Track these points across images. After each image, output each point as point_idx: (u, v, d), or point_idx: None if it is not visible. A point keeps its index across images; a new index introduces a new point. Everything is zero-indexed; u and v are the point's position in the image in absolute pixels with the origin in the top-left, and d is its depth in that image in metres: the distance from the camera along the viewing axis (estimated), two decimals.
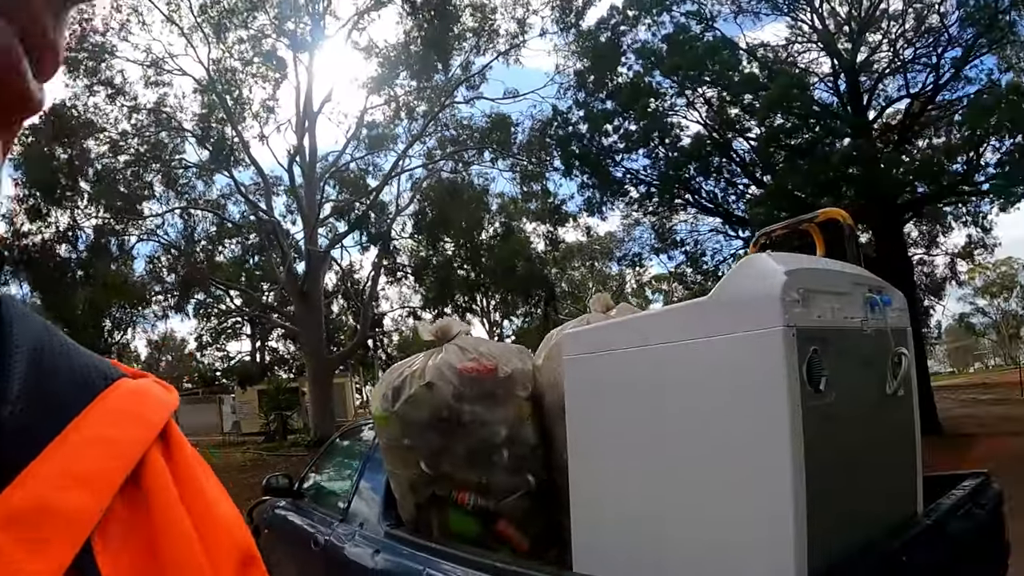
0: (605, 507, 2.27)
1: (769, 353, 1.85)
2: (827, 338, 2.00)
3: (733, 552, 1.91)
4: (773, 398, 1.84)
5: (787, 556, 1.80)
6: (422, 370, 2.84)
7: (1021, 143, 13.31)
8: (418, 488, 2.85)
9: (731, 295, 1.96)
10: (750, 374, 1.89)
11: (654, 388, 2.12)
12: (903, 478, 2.56)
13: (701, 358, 2.00)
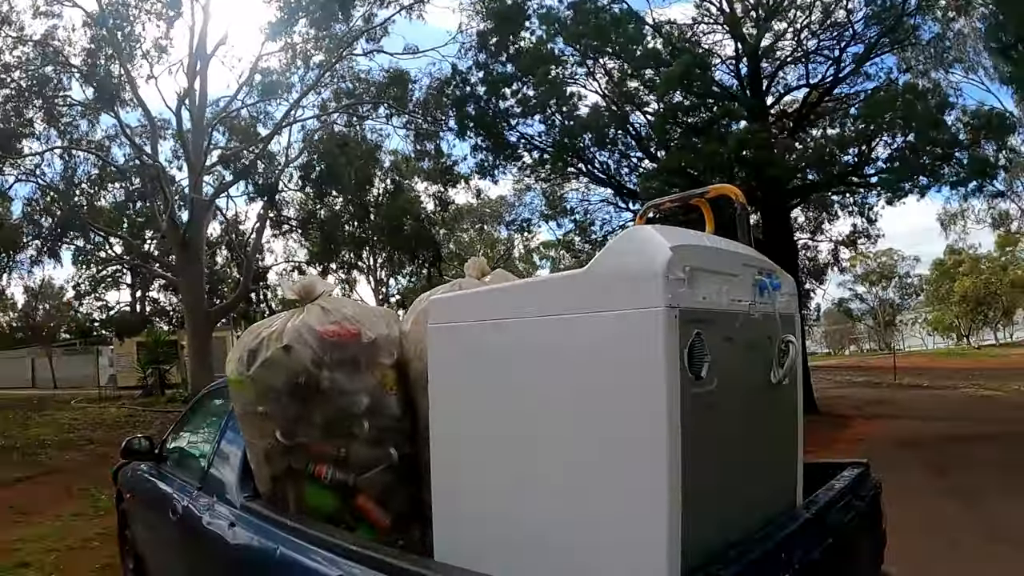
0: (466, 489, 2.13)
1: (648, 335, 1.71)
2: (712, 321, 1.89)
3: (603, 549, 1.80)
4: (649, 384, 1.71)
5: (659, 555, 1.70)
6: (280, 331, 2.62)
7: (912, 142, 14.02)
8: (273, 459, 2.64)
9: (610, 268, 1.82)
10: (626, 356, 1.75)
11: (522, 364, 1.98)
12: (784, 470, 2.51)
13: (574, 335, 1.85)
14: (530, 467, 1.95)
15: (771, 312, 2.25)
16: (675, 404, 1.71)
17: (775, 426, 2.41)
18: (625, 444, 1.76)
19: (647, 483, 1.72)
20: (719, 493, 1.96)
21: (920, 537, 5.91)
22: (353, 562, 2.11)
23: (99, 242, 25.65)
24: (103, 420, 16.06)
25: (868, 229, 20.22)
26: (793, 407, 2.58)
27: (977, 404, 14.70)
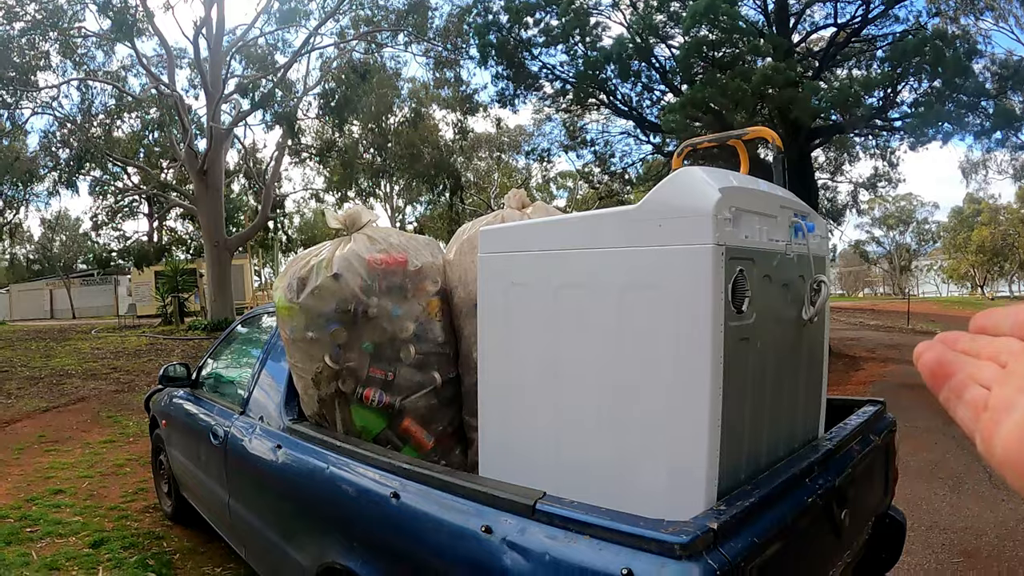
0: (514, 412, 2.25)
1: (697, 270, 1.81)
2: (753, 259, 1.98)
3: (643, 469, 1.92)
4: (696, 315, 1.81)
5: (698, 477, 1.82)
6: (329, 260, 2.71)
7: (938, 88, 13.70)
8: (321, 383, 2.76)
9: (661, 207, 1.89)
10: (676, 289, 1.85)
11: (571, 294, 2.07)
12: (809, 403, 2.62)
13: (625, 267, 1.95)
14: (576, 392, 2.06)
15: (805, 253, 2.33)
16: (719, 335, 1.81)
17: (804, 361, 2.50)
18: (670, 371, 1.86)
19: (690, 408, 1.83)
20: (751, 420, 2.08)
21: (924, 477, 6.10)
22: (407, 479, 2.25)
23: (116, 172, 25.67)
24: (125, 349, 16.28)
25: (889, 173, 20.03)
26: (820, 344, 2.68)
27: None
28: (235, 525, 3.56)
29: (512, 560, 1.79)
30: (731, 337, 1.87)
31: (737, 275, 1.88)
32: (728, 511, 1.75)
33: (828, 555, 2.40)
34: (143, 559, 4.44)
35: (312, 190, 29.50)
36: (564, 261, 2.08)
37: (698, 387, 1.82)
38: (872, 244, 52.46)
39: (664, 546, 1.57)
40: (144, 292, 26.79)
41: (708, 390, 1.81)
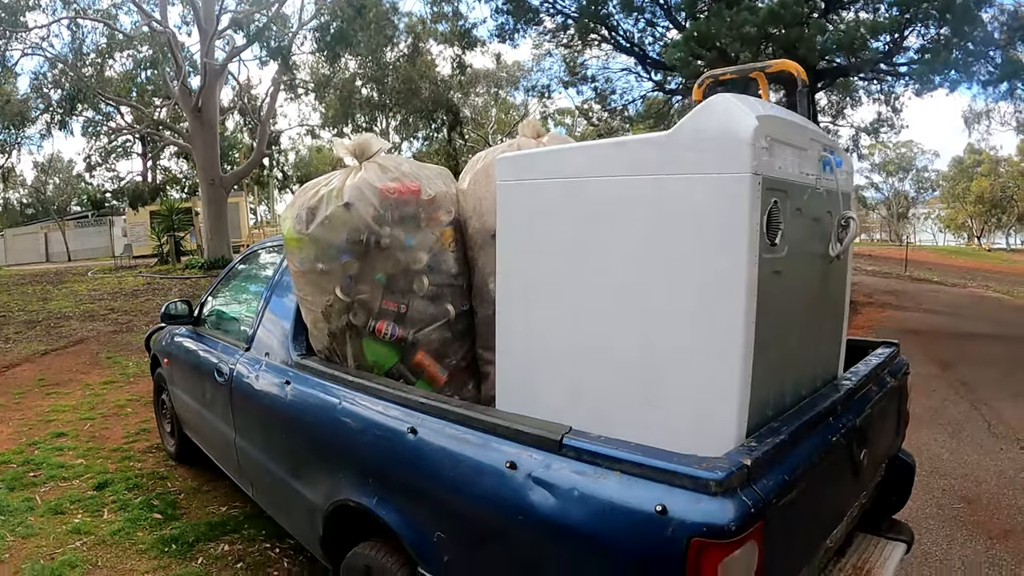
0: (535, 343, 2.17)
1: (733, 199, 1.73)
2: (786, 191, 1.91)
3: (670, 405, 1.87)
4: (732, 246, 1.74)
5: (729, 414, 1.78)
6: (340, 189, 2.61)
7: (946, 35, 13.40)
8: (332, 316, 2.68)
9: (696, 134, 1.80)
10: (711, 218, 1.77)
11: (597, 223, 1.99)
12: (831, 341, 2.58)
13: (655, 196, 1.86)
14: (602, 325, 1.99)
15: (833, 188, 2.27)
16: (754, 267, 1.75)
17: (828, 299, 2.45)
18: (703, 304, 1.80)
19: (722, 343, 1.77)
20: (779, 357, 2.02)
21: (924, 424, 6.09)
22: (425, 414, 2.20)
23: (109, 112, 25.25)
24: (121, 289, 16.18)
25: (892, 118, 19.74)
26: (843, 283, 2.64)
27: (986, 304, 14.64)
28: (242, 464, 3.52)
29: (539, 496, 1.75)
30: (764, 270, 1.80)
31: (772, 206, 1.81)
32: (759, 448, 1.71)
33: (847, 495, 2.39)
34: (148, 500, 4.42)
35: (308, 126, 29.21)
36: (591, 188, 1.99)
37: (732, 321, 1.75)
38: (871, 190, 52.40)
39: (699, 482, 1.54)
40: (139, 232, 26.57)
41: (742, 324, 1.74)
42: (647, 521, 1.55)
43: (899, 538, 2.89)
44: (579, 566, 1.70)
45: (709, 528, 1.49)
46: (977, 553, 3.80)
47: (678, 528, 1.51)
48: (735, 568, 1.51)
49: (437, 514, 2.09)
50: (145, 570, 3.58)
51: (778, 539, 1.71)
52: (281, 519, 3.34)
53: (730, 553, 1.49)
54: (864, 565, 2.66)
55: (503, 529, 1.86)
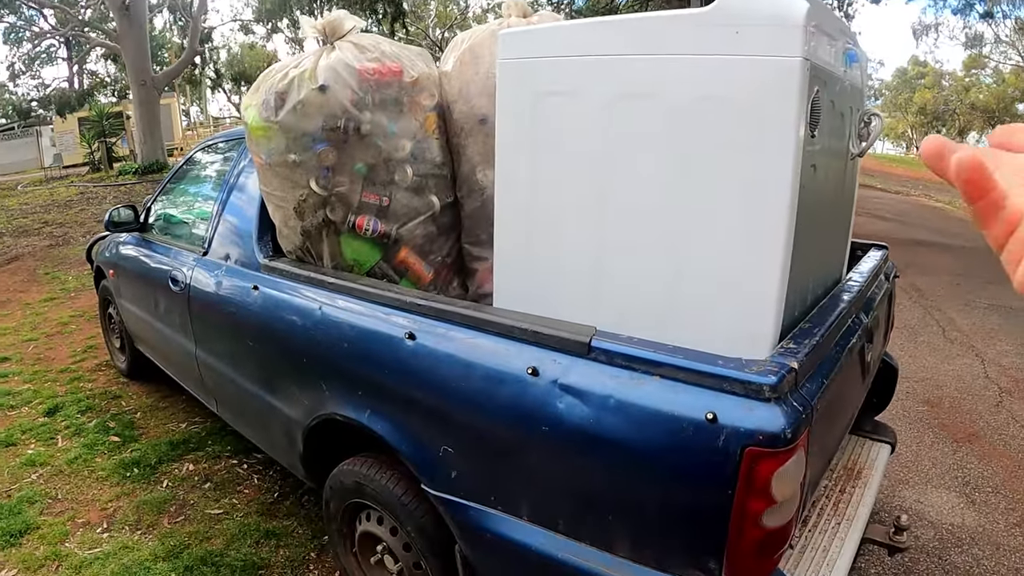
0: (541, 243, 1.98)
1: (782, 85, 1.56)
2: (825, 82, 1.75)
3: (701, 304, 1.72)
4: (778, 136, 1.58)
5: (767, 313, 1.64)
6: (312, 71, 2.31)
7: None
8: (306, 213, 2.42)
9: (742, 13, 1.60)
10: (753, 105, 1.60)
11: (620, 108, 1.77)
12: (841, 242, 2.50)
13: (692, 78, 1.66)
14: (624, 216, 1.81)
15: (856, 83, 2.14)
16: (799, 157, 1.59)
17: (843, 196, 2.35)
18: (742, 196, 1.64)
19: (763, 237, 1.62)
20: (806, 255, 1.89)
21: None
22: (424, 316, 1.99)
23: (31, 16, 23.51)
24: (54, 201, 15.28)
25: None
26: (854, 183, 2.54)
27: (929, 213, 14.78)
28: (205, 378, 3.30)
29: (567, 405, 1.58)
30: (806, 161, 1.65)
31: (815, 95, 1.65)
32: (801, 349, 1.59)
33: (857, 396, 2.36)
34: (103, 422, 4.21)
35: (241, 21, 27.64)
36: (616, 68, 1.77)
37: (775, 215, 1.60)
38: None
39: (751, 388, 1.40)
40: (69, 141, 25.15)
41: (785, 219, 1.60)
42: (696, 430, 1.41)
43: (884, 439, 2.91)
44: (615, 481, 1.56)
45: (765, 436, 1.36)
46: (945, 455, 3.89)
47: (731, 437, 1.37)
48: (787, 477, 1.40)
49: (443, 427, 1.90)
50: (108, 498, 3.39)
51: (815, 445, 1.63)
52: (252, 435, 3.14)
53: (784, 462, 1.38)
54: (854, 467, 2.67)
55: (524, 442, 1.69)
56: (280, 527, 3.12)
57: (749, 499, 1.38)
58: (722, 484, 1.39)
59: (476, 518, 1.83)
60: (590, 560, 1.61)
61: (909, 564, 2.93)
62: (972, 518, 3.28)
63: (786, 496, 1.42)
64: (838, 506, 2.36)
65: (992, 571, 2.90)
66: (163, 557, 2.91)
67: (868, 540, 2.50)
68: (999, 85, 41.89)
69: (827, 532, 2.18)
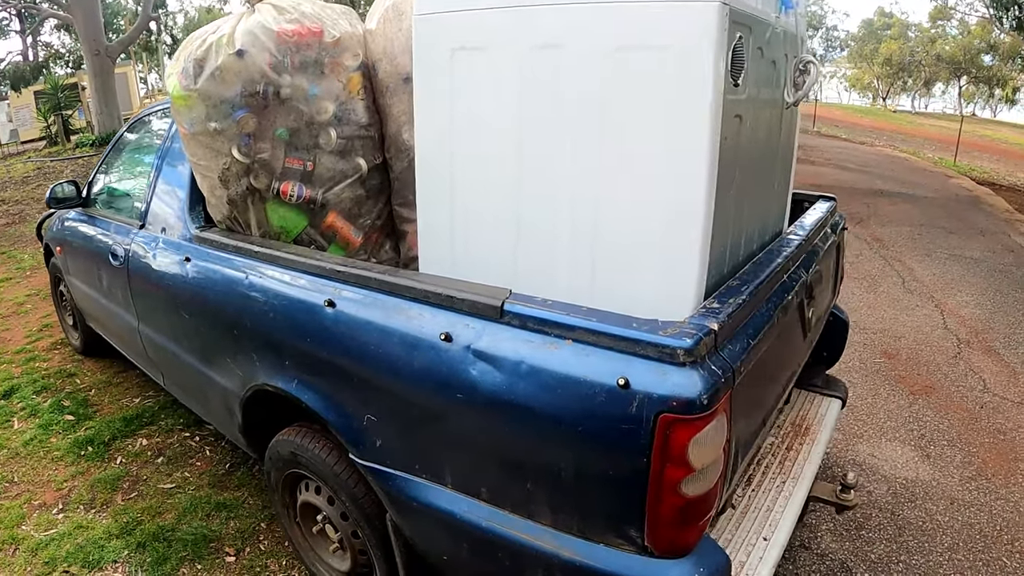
0: (460, 201, 1.92)
1: (698, 31, 1.50)
2: (750, 27, 1.68)
3: (622, 261, 1.67)
4: (696, 83, 1.52)
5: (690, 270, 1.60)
6: (230, 35, 2.22)
7: None
8: (230, 181, 2.35)
9: None
10: (670, 53, 1.53)
11: (538, 58, 1.71)
12: (780, 194, 2.44)
13: (607, 26, 1.59)
14: (542, 172, 1.76)
15: (791, 30, 2.09)
16: (718, 108, 1.54)
17: (779, 149, 2.29)
18: (661, 147, 1.59)
19: (683, 189, 1.57)
20: (735, 208, 1.85)
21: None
22: (343, 283, 1.94)
23: None
24: (11, 178, 14.85)
25: None
26: (793, 133, 2.48)
27: (894, 163, 14.82)
28: (149, 353, 3.23)
29: (480, 371, 1.53)
30: (728, 111, 1.60)
31: (737, 42, 1.59)
32: (724, 310, 1.54)
33: (797, 354, 2.31)
34: (58, 401, 4.14)
35: None
36: (527, 19, 1.69)
37: (694, 165, 1.55)
38: None
39: (665, 351, 1.35)
40: (25, 115, 24.40)
41: (705, 171, 1.54)
42: (608, 396, 1.36)
43: (834, 394, 2.90)
44: (532, 449, 1.52)
45: (679, 402, 1.32)
46: (901, 408, 3.91)
47: (644, 403, 1.33)
48: (705, 444, 1.36)
49: (365, 396, 1.86)
50: (64, 478, 3.36)
51: (742, 408, 1.59)
52: (197, 408, 3.10)
53: (701, 428, 1.34)
54: (803, 423, 2.66)
55: (442, 409, 1.65)
56: (231, 498, 3.10)
57: (666, 467, 1.34)
58: (637, 452, 1.35)
59: (402, 487, 1.80)
60: (513, 528, 1.59)
61: (861, 520, 2.93)
62: (926, 472, 3.29)
63: (705, 463, 1.38)
64: (784, 464, 2.35)
65: (945, 526, 2.92)
66: (116, 534, 2.89)
67: (815, 498, 2.50)
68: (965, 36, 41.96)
69: (771, 491, 2.17)
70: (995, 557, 2.74)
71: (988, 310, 5.53)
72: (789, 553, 2.72)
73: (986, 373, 4.37)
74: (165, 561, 2.72)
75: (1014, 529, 2.91)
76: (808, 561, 2.69)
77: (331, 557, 2.37)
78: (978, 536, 2.86)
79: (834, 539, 2.82)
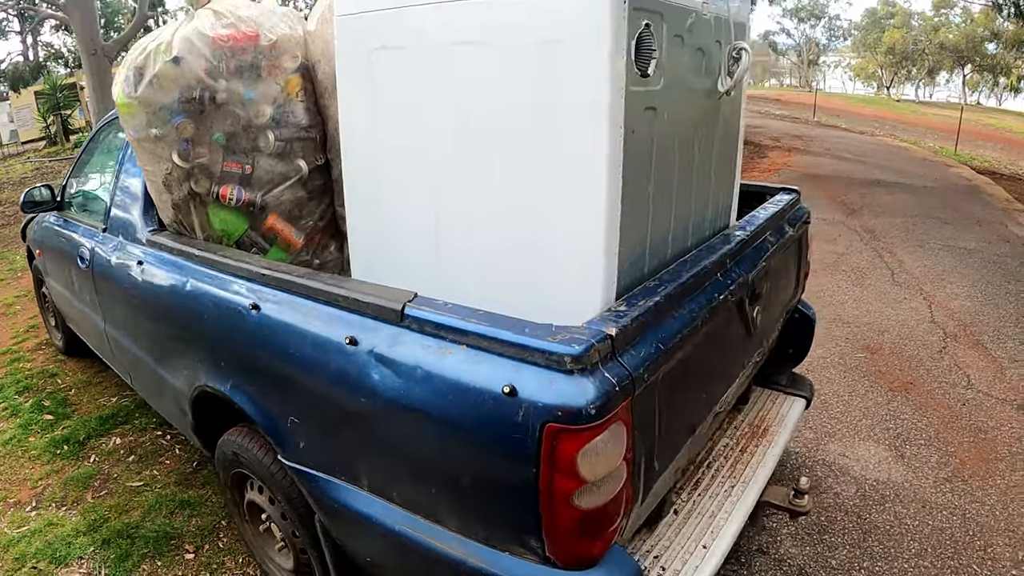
0: (386, 205, 1.93)
1: (592, 21, 1.47)
2: (661, 14, 1.65)
3: (533, 264, 1.66)
4: (592, 76, 1.49)
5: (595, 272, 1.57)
6: (168, 43, 2.24)
7: None
8: (172, 186, 2.37)
9: None
10: (567, 45, 1.51)
11: (441, 62, 1.70)
12: (722, 187, 2.38)
13: (505, 21, 1.58)
14: (454, 174, 1.75)
15: (724, 15, 2.03)
16: (618, 100, 1.51)
17: (717, 141, 2.24)
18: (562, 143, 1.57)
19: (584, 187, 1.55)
20: (657, 205, 1.81)
21: (828, 269, 6.15)
22: (265, 286, 1.95)
23: None
24: (9, 179, 14.95)
25: None
26: (736, 123, 2.42)
27: (893, 152, 14.57)
28: (115, 353, 3.27)
29: (381, 376, 1.53)
30: (634, 104, 1.57)
31: (642, 30, 1.56)
32: (629, 312, 1.51)
33: (739, 355, 2.26)
34: (38, 401, 4.19)
35: None
36: (435, 16, 1.68)
37: (594, 162, 1.52)
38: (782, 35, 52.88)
39: (552, 358, 1.32)
40: (26, 116, 24.50)
41: (605, 165, 1.52)
42: (495, 404, 1.33)
43: (799, 393, 2.84)
44: (432, 455, 1.51)
45: (564, 412, 1.28)
46: (878, 405, 3.81)
47: (530, 412, 1.30)
48: (597, 455, 1.33)
49: (288, 398, 1.87)
50: (39, 477, 3.41)
51: (655, 415, 1.55)
52: (157, 407, 3.15)
53: (591, 440, 1.30)
54: (761, 424, 2.59)
55: (352, 413, 1.65)
56: (195, 496, 3.13)
57: (556, 478, 1.31)
58: (526, 462, 1.32)
59: (325, 488, 1.81)
60: (424, 534, 1.58)
61: (825, 523, 2.83)
62: (899, 473, 3.18)
63: (599, 475, 1.34)
64: (736, 467, 2.29)
65: (914, 531, 2.80)
66: (84, 531, 2.94)
67: (767, 504, 2.42)
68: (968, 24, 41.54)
69: (718, 496, 2.11)
70: (965, 564, 2.63)
71: (979, 302, 5.39)
72: (745, 558, 2.64)
73: (971, 368, 4.25)
74: (127, 558, 2.76)
75: (987, 534, 2.79)
76: (765, 567, 2.61)
77: (277, 555, 2.39)
78: (948, 541, 2.74)
79: (794, 543, 2.72)
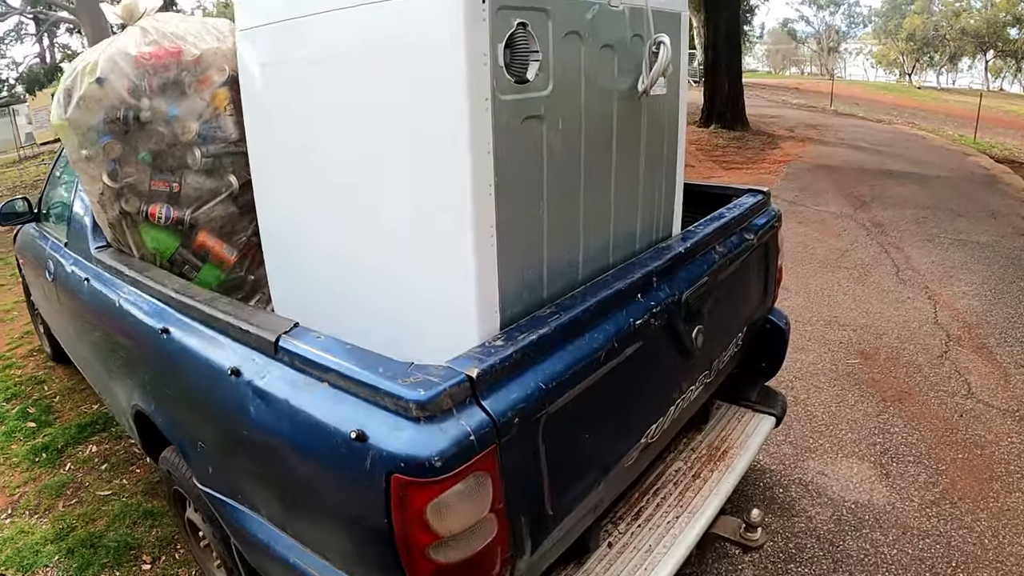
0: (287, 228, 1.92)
1: (444, 25, 1.36)
2: (545, 11, 1.52)
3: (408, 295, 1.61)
4: (448, 89, 1.38)
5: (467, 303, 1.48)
6: (94, 64, 2.24)
7: None
8: (106, 205, 2.38)
9: None
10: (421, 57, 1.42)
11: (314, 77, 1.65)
12: (657, 196, 2.18)
13: (365, 36, 1.51)
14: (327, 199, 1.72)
15: (639, 5, 1.86)
16: (482, 112, 1.40)
17: (645, 146, 2.06)
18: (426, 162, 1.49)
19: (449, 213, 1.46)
20: (555, 223, 1.69)
21: (829, 267, 5.91)
22: (174, 310, 1.94)
23: None
24: (22, 182, 15.12)
25: None
26: (673, 124, 2.21)
27: (910, 142, 13.97)
28: (81, 363, 3.34)
29: (256, 410, 1.49)
30: (507, 115, 1.46)
31: (515, 30, 1.43)
32: (502, 349, 1.38)
33: (671, 382, 2.03)
34: (24, 408, 4.24)
35: None
36: (301, 29, 1.63)
37: (456, 181, 1.42)
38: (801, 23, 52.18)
39: (400, 403, 1.23)
40: (43, 118, 24.90)
41: (469, 184, 1.42)
42: (347, 448, 1.27)
43: (767, 410, 2.65)
44: (303, 493, 1.47)
45: (408, 464, 1.18)
46: (867, 416, 3.53)
47: (376, 460, 1.22)
48: (450, 509, 1.23)
49: (195, 424, 1.87)
50: (17, 484, 3.46)
51: (540, 460, 1.42)
52: (119, 420, 3.16)
53: (440, 493, 1.20)
54: (722, 445, 2.41)
55: (240, 443, 1.63)
56: (159, 507, 3.14)
57: (410, 531, 1.23)
58: (377, 511, 1.25)
59: (232, 513, 1.79)
60: (313, 567, 1.53)
61: (793, 551, 2.60)
62: (882, 494, 2.93)
63: (455, 530, 1.25)
64: (685, 495, 2.12)
65: (891, 560, 2.56)
66: (51, 540, 2.98)
67: (716, 536, 2.23)
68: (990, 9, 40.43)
69: (660, 528, 1.96)
70: None
71: (988, 301, 5.06)
72: None
73: (973, 375, 3.95)
74: (89, 567, 2.79)
75: (972, 566, 2.52)
76: None
77: (216, 571, 2.39)
78: (928, 574, 2.50)
79: (756, 572, 2.51)
